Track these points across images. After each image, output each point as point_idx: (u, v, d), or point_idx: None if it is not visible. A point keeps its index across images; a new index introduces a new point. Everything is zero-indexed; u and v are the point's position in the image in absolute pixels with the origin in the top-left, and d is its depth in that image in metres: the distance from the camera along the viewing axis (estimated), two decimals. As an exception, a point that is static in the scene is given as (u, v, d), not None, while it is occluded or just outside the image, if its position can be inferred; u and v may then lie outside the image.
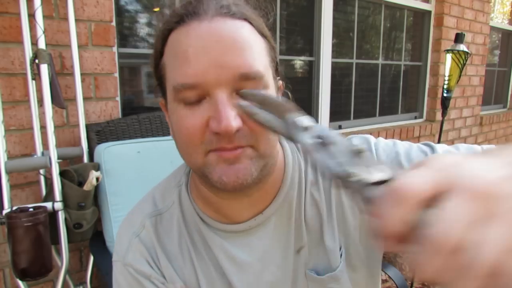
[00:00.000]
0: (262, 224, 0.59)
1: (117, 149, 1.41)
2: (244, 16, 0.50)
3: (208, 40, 0.47)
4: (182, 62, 0.48)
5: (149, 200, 0.66)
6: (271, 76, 0.53)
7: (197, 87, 0.47)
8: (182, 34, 0.49)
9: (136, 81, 1.82)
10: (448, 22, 3.13)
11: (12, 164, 1.24)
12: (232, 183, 0.49)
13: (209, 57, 0.46)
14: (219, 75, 0.46)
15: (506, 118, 4.18)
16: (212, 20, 0.48)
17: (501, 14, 4.33)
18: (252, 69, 0.47)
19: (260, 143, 0.49)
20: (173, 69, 0.50)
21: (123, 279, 0.62)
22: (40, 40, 1.27)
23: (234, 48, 0.47)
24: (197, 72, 0.47)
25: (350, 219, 0.59)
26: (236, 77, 0.47)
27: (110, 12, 1.51)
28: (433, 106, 3.23)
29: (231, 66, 0.46)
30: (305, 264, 0.60)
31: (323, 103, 2.51)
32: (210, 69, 0.46)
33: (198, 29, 0.48)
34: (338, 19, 2.57)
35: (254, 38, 0.50)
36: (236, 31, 0.48)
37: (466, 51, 2.12)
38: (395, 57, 3.09)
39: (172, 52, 0.51)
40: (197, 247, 0.61)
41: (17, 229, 1.16)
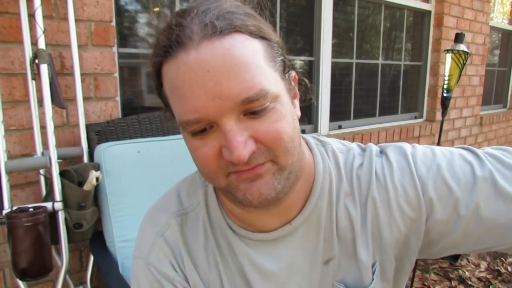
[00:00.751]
0: (290, 234, 0.58)
1: (117, 149, 1.41)
2: (232, 27, 0.46)
3: (199, 72, 0.44)
4: (180, 99, 0.46)
5: (174, 197, 0.64)
6: (279, 80, 0.50)
7: (201, 121, 0.46)
8: (173, 69, 0.46)
9: (136, 81, 1.82)
10: (448, 22, 3.13)
11: (12, 164, 1.24)
12: (257, 199, 0.48)
13: (205, 90, 0.44)
14: (219, 106, 0.44)
15: (506, 118, 4.18)
16: (198, 47, 0.44)
17: (501, 14, 4.33)
18: (252, 90, 0.44)
19: (279, 157, 0.48)
20: (174, 105, 0.49)
21: (144, 278, 0.60)
22: (40, 40, 1.27)
23: (228, 74, 0.44)
24: (197, 108, 0.45)
25: (386, 235, 0.56)
26: (238, 103, 0.44)
27: (110, 12, 1.51)
28: (433, 106, 3.23)
29: (230, 95, 0.44)
30: (333, 276, 0.58)
31: (323, 103, 2.51)
32: (209, 102, 0.44)
33: (187, 61, 0.45)
34: (338, 19, 2.57)
35: (250, 50, 0.46)
36: (226, 53, 0.44)
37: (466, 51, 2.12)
38: (395, 57, 3.09)
39: (168, 88, 0.49)
40: (222, 252, 0.60)
41: (17, 229, 1.16)
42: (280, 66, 0.51)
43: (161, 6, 1.81)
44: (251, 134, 0.46)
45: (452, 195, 0.52)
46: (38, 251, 1.20)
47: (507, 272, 2.51)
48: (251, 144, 0.45)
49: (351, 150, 0.62)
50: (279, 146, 0.47)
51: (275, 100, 0.47)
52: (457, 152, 0.56)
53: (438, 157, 0.55)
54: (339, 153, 0.61)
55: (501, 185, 0.50)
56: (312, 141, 0.63)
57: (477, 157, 0.54)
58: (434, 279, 2.41)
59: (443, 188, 0.53)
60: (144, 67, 1.83)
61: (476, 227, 0.51)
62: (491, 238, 0.52)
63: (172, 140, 1.54)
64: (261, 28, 0.49)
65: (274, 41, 0.51)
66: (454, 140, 3.49)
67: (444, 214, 0.53)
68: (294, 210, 0.57)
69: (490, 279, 2.43)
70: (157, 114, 1.61)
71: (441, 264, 2.60)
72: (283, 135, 0.47)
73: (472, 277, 2.44)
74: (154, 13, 1.80)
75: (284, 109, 0.48)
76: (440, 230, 0.54)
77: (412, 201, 0.54)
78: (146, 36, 1.78)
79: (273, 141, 0.46)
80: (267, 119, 0.46)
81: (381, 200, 0.56)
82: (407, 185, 0.55)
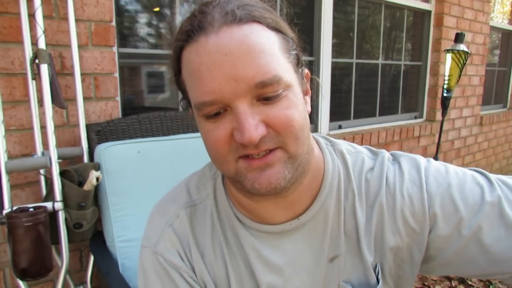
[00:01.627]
0: (297, 229, 0.59)
1: (117, 149, 1.41)
2: (251, 17, 0.49)
3: (217, 55, 0.46)
4: (197, 81, 0.48)
5: (184, 190, 0.65)
6: (292, 72, 0.52)
7: (215, 103, 0.47)
8: (193, 52, 0.49)
9: (136, 81, 1.82)
10: (448, 22, 3.13)
11: (12, 164, 1.24)
12: (265, 188, 0.49)
13: (222, 72, 0.46)
14: (234, 88, 0.46)
15: (506, 118, 4.18)
16: (218, 32, 0.47)
17: (501, 14, 4.33)
18: (267, 75, 0.46)
19: (289, 144, 0.49)
20: (191, 88, 0.51)
21: (151, 266, 0.61)
22: (40, 40, 1.27)
23: (245, 59, 0.46)
24: (213, 89, 0.47)
25: (388, 240, 0.57)
26: (252, 87, 0.46)
27: (110, 12, 1.51)
28: (433, 106, 3.23)
29: (245, 78, 0.46)
30: (338, 275, 0.59)
31: (323, 103, 2.51)
32: (224, 84, 0.46)
33: (206, 45, 0.47)
34: (338, 19, 2.57)
35: (266, 39, 0.49)
36: (244, 39, 0.47)
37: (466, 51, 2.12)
38: (395, 57, 3.09)
39: (187, 71, 0.51)
40: (229, 243, 0.61)
41: (17, 229, 1.16)
42: (294, 59, 0.53)
43: (161, 6, 1.81)
44: (262, 119, 0.47)
45: (457, 214, 0.53)
46: (38, 251, 1.20)
47: (507, 272, 2.51)
48: (262, 128, 0.47)
49: (360, 153, 0.63)
50: (289, 132, 0.48)
51: (287, 88, 0.49)
52: (470, 174, 0.57)
53: (451, 175, 0.56)
54: (347, 154, 0.62)
55: (507, 213, 0.51)
56: (322, 141, 0.64)
57: (489, 182, 0.55)
58: (434, 279, 2.41)
59: (449, 206, 0.54)
60: (144, 67, 1.83)
61: (474, 249, 0.52)
62: (484, 263, 0.52)
63: (172, 140, 1.54)
64: (277, 22, 0.52)
65: (290, 36, 0.54)
66: (454, 140, 3.49)
67: (446, 231, 0.54)
68: (302, 205, 0.58)
69: (490, 279, 2.43)
70: (157, 114, 1.61)
71: (441, 264, 2.60)
72: (294, 122, 0.49)
73: (472, 277, 2.44)
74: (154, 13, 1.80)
75: (296, 98, 0.50)
76: (438, 246, 0.55)
77: (417, 214, 0.55)
78: (146, 36, 1.78)
79: (283, 127, 0.48)
80: (279, 105, 0.48)
81: (388, 207, 0.57)
82: (415, 197, 0.56)
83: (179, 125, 1.65)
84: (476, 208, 0.52)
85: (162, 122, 1.61)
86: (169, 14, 1.85)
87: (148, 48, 1.78)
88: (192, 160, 0.73)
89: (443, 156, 3.38)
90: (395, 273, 0.60)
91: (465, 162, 3.73)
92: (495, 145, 4.14)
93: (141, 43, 1.77)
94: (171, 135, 1.59)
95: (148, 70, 1.84)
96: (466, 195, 0.54)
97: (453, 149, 3.51)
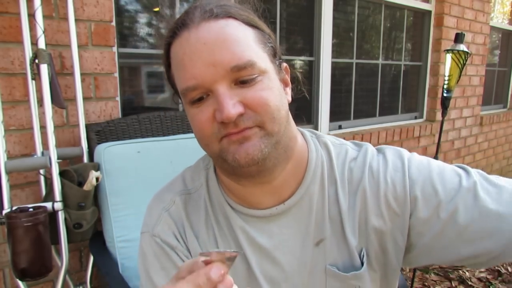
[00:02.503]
0: (283, 214, 0.63)
1: (117, 149, 1.41)
2: (227, 14, 0.55)
3: (197, 45, 0.53)
4: (181, 70, 0.55)
5: (180, 180, 0.71)
6: (267, 61, 0.57)
7: (198, 87, 0.53)
8: (177, 46, 0.56)
9: (136, 81, 1.82)
10: (448, 22, 3.13)
11: (12, 164, 1.24)
12: (244, 159, 0.53)
13: (201, 59, 0.52)
14: (213, 73, 0.52)
15: (506, 118, 4.18)
16: (198, 26, 0.54)
17: (501, 14, 4.33)
18: (241, 60, 0.52)
19: (265, 122, 0.54)
20: (178, 78, 0.57)
21: (149, 249, 0.65)
22: (40, 40, 1.27)
23: (220, 46, 0.52)
24: (194, 75, 0.53)
25: (372, 224, 0.60)
26: (228, 71, 0.52)
27: (110, 12, 1.51)
28: (433, 106, 3.23)
29: (221, 63, 0.52)
30: (324, 258, 0.62)
31: (323, 103, 2.51)
32: (204, 70, 0.52)
33: (188, 38, 0.54)
34: (338, 19, 2.57)
35: (240, 31, 0.55)
36: (220, 30, 0.53)
37: (466, 51, 2.12)
38: (395, 57, 3.09)
39: (174, 64, 0.58)
40: (221, 226, 0.65)
41: (17, 229, 1.16)
42: (270, 50, 0.59)
43: (161, 6, 1.81)
44: (240, 100, 0.53)
45: (436, 198, 0.57)
46: (38, 251, 1.20)
47: (507, 272, 2.51)
48: (239, 107, 0.52)
49: (344, 145, 0.68)
50: (265, 112, 0.53)
51: (262, 74, 0.55)
52: (450, 166, 0.62)
53: (432, 165, 0.61)
54: (331, 146, 0.67)
55: (481, 197, 0.55)
56: (307, 133, 0.69)
57: (467, 172, 0.60)
58: (434, 279, 2.41)
59: (429, 189, 0.58)
60: (144, 67, 1.83)
61: (451, 231, 0.56)
62: (461, 245, 0.56)
63: (172, 140, 1.54)
64: (252, 19, 0.58)
65: (266, 32, 0.60)
66: (454, 140, 3.48)
67: (425, 214, 0.58)
68: (287, 191, 0.63)
69: (491, 279, 2.43)
70: (157, 114, 1.60)
71: (442, 264, 2.60)
72: (269, 102, 0.54)
73: (472, 277, 2.44)
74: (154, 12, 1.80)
75: (272, 83, 0.56)
76: (419, 230, 0.59)
77: (399, 197, 0.60)
78: (146, 36, 1.78)
79: (259, 106, 0.53)
80: (255, 87, 0.54)
81: (371, 193, 0.61)
82: (397, 182, 0.60)
83: (179, 125, 1.65)
84: (454, 192, 0.57)
85: (162, 122, 1.61)
86: (169, 14, 1.85)
87: (148, 48, 1.78)
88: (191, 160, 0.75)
89: (443, 156, 3.38)
90: (382, 260, 0.63)
91: (465, 162, 3.73)
92: (495, 145, 4.14)
93: (141, 43, 1.77)
94: (171, 135, 1.59)
95: (148, 70, 1.84)
96: (445, 181, 0.58)
97: (453, 149, 3.51)
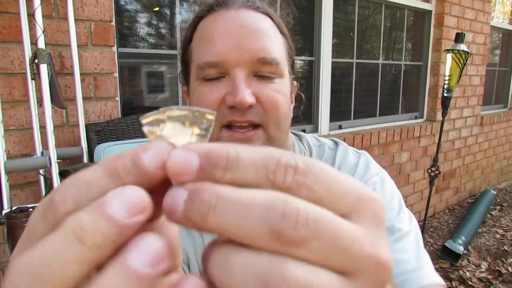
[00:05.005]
0: None
1: (117, 149, 1.41)
2: (267, 12, 0.56)
3: (232, 25, 0.53)
4: (207, 43, 0.54)
5: None
6: (287, 70, 0.58)
7: (218, 65, 0.53)
8: (210, 20, 0.55)
9: (136, 81, 1.81)
10: (449, 21, 3.12)
11: (12, 164, 1.24)
12: None
13: (232, 40, 0.52)
14: (239, 56, 0.52)
15: (507, 118, 4.17)
16: (238, 10, 0.54)
17: (502, 14, 4.33)
18: (270, 54, 0.53)
19: (270, 125, 0.54)
20: (199, 50, 0.55)
21: None
22: (39, 40, 1.26)
23: (255, 35, 0.52)
24: (220, 52, 0.52)
25: None
26: (254, 59, 0.52)
27: (110, 11, 1.51)
28: (433, 106, 3.23)
29: (250, 49, 0.52)
30: None
31: (323, 103, 2.50)
32: (231, 50, 0.52)
33: (224, 16, 0.54)
34: (338, 19, 2.56)
35: (274, 31, 0.56)
36: (258, 21, 0.54)
37: (466, 51, 2.12)
38: (395, 57, 3.08)
39: (199, 36, 0.56)
40: None
41: (17, 229, 1.16)
42: (290, 62, 0.60)
43: (161, 6, 1.81)
44: (254, 92, 0.52)
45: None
46: (37, 251, 1.19)
47: (508, 272, 2.50)
48: (252, 97, 0.52)
49: (323, 145, 0.69)
50: (274, 114, 0.53)
51: (281, 77, 0.55)
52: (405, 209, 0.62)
53: (395, 194, 0.62)
54: (313, 146, 0.69)
55: (397, 227, 0.56)
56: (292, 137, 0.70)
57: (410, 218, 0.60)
58: (434, 280, 2.40)
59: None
60: (144, 66, 1.82)
61: None
62: None
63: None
64: (285, 29, 0.60)
65: (290, 44, 0.61)
66: (454, 140, 3.48)
67: None
68: None
69: (491, 279, 2.42)
70: (157, 114, 1.60)
71: (442, 264, 2.59)
72: (280, 106, 0.54)
73: (472, 277, 2.44)
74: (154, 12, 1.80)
75: (286, 90, 0.56)
76: None
77: None
78: (146, 35, 1.78)
79: (270, 105, 0.53)
80: (271, 86, 0.54)
81: None
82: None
83: (179, 125, 1.65)
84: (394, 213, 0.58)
85: (162, 122, 1.60)
86: (169, 14, 1.85)
87: (148, 48, 1.78)
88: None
89: (444, 156, 3.38)
90: None
91: (466, 162, 3.73)
92: (495, 145, 4.14)
93: (141, 42, 1.76)
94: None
95: (148, 70, 1.83)
96: (391, 205, 0.59)
97: (453, 149, 3.51)
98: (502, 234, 3.10)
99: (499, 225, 3.29)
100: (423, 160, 3.16)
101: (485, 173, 4.10)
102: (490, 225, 3.28)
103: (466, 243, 2.79)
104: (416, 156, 3.09)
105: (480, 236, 3.05)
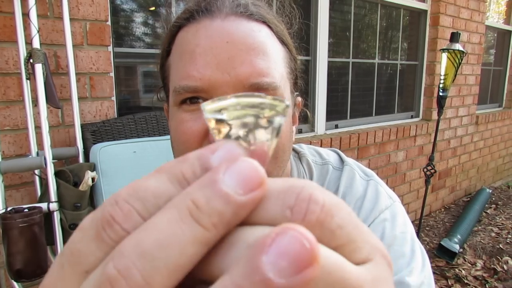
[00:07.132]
0: None
1: (113, 149, 1.40)
2: (263, 18, 0.45)
3: (218, 40, 0.42)
4: (186, 63, 0.43)
5: None
6: (288, 90, 0.47)
7: (199, 91, 0.42)
8: (191, 32, 0.44)
9: (132, 81, 1.81)
10: (444, 21, 3.14)
11: (7, 165, 1.23)
12: None
13: (217, 60, 0.41)
14: (226, 83, 0.41)
15: (502, 117, 4.20)
16: (225, 19, 0.43)
17: (497, 13, 4.35)
18: (264, 79, 0.42)
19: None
20: (177, 70, 0.45)
21: None
22: (34, 40, 1.26)
23: (246, 53, 0.42)
24: (202, 76, 0.42)
25: None
26: (245, 86, 0.41)
27: (106, 11, 1.50)
28: (429, 105, 3.24)
29: (240, 74, 0.41)
30: None
31: (320, 102, 2.51)
32: (216, 74, 0.41)
33: (209, 27, 0.43)
34: (335, 18, 2.57)
35: (272, 44, 0.45)
36: (250, 33, 0.43)
37: (461, 50, 2.13)
38: (391, 56, 3.09)
39: (178, 51, 0.46)
40: None
41: (12, 230, 1.15)
42: (293, 78, 0.50)
43: (157, 6, 1.81)
44: None
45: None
46: (33, 252, 1.19)
47: (503, 270, 2.52)
48: None
49: (326, 164, 0.61)
50: (271, 158, 0.46)
51: None
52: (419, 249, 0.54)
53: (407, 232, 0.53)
54: (313, 166, 0.60)
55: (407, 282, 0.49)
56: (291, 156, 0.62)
57: (423, 265, 0.52)
58: (430, 278, 2.41)
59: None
60: (140, 66, 1.82)
61: None
62: None
63: (168, 140, 1.53)
64: (286, 36, 0.49)
65: (294, 55, 0.51)
66: (450, 139, 3.50)
67: None
68: None
69: (486, 277, 2.44)
70: (153, 114, 1.60)
71: (438, 262, 2.61)
72: (278, 148, 0.44)
73: (468, 275, 2.45)
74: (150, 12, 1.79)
75: (286, 122, 0.48)
76: None
77: None
78: (142, 35, 1.77)
79: None
80: None
81: None
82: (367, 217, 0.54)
83: (175, 125, 1.65)
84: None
85: (158, 122, 1.60)
86: (164, 14, 1.84)
87: (144, 48, 1.77)
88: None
89: (440, 155, 3.40)
90: None
91: (461, 161, 3.75)
92: (491, 144, 4.16)
93: (136, 42, 1.76)
94: (167, 135, 1.58)
95: (144, 70, 1.83)
96: (397, 253, 0.51)
97: (449, 148, 3.52)
98: (498, 233, 3.12)
99: (495, 223, 3.32)
100: (419, 159, 3.17)
101: (481, 172, 4.12)
102: (486, 224, 3.30)
103: (462, 242, 2.81)
104: (412, 155, 3.10)
105: (475, 235, 3.07)
